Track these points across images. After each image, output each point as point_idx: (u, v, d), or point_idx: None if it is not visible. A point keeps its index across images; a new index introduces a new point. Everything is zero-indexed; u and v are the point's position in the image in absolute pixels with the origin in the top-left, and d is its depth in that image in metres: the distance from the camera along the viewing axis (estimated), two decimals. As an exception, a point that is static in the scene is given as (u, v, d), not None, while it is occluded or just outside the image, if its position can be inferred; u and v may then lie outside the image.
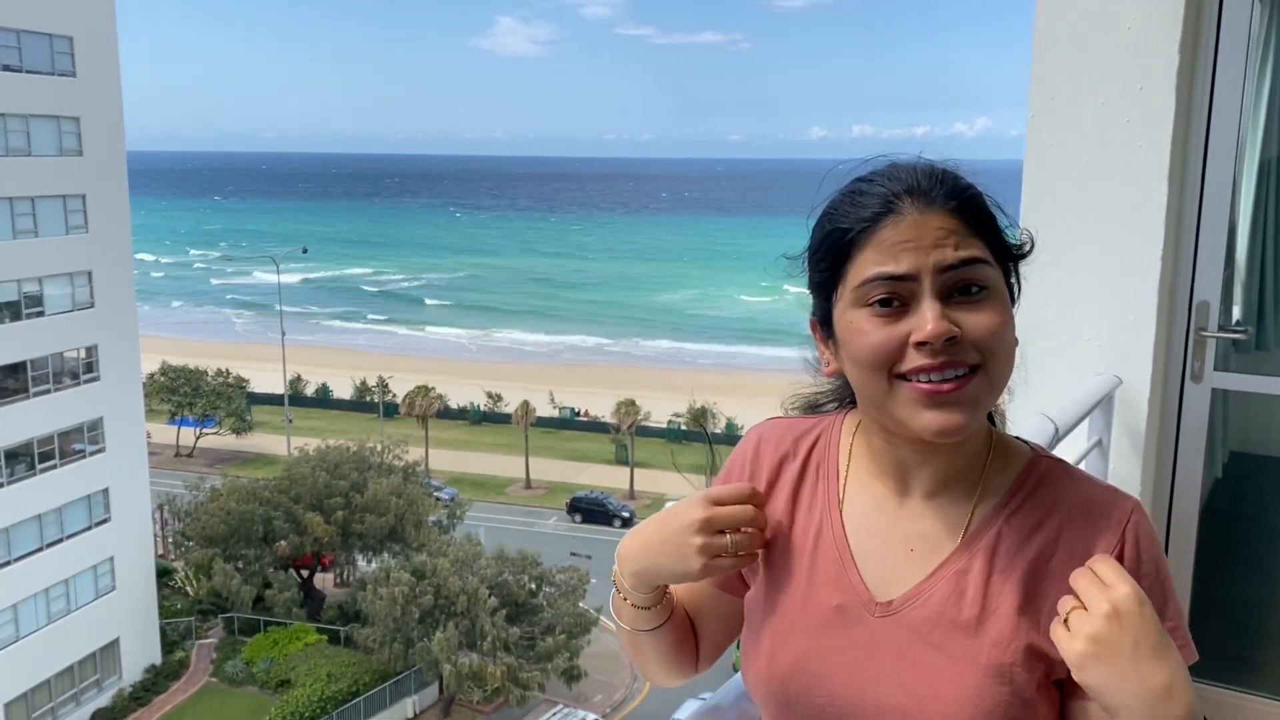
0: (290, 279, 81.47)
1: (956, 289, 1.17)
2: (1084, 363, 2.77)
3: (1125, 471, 2.78)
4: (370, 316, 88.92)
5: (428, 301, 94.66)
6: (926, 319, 1.14)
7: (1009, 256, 1.25)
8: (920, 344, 1.15)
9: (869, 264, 1.18)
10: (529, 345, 77.49)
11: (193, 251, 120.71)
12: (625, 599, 1.39)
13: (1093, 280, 2.74)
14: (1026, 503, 1.24)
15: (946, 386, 1.15)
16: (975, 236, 1.19)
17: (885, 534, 1.28)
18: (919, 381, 1.16)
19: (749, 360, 71.50)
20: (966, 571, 1.21)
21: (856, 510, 1.31)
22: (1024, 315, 1.30)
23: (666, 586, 1.39)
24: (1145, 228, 2.71)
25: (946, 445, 1.22)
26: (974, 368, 1.16)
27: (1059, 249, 2.74)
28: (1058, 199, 2.75)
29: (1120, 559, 1.17)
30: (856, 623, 1.25)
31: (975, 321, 1.16)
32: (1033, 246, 1.29)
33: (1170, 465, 2.89)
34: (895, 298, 1.17)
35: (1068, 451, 2.22)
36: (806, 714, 1.26)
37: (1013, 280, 1.27)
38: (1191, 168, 2.77)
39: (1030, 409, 2.61)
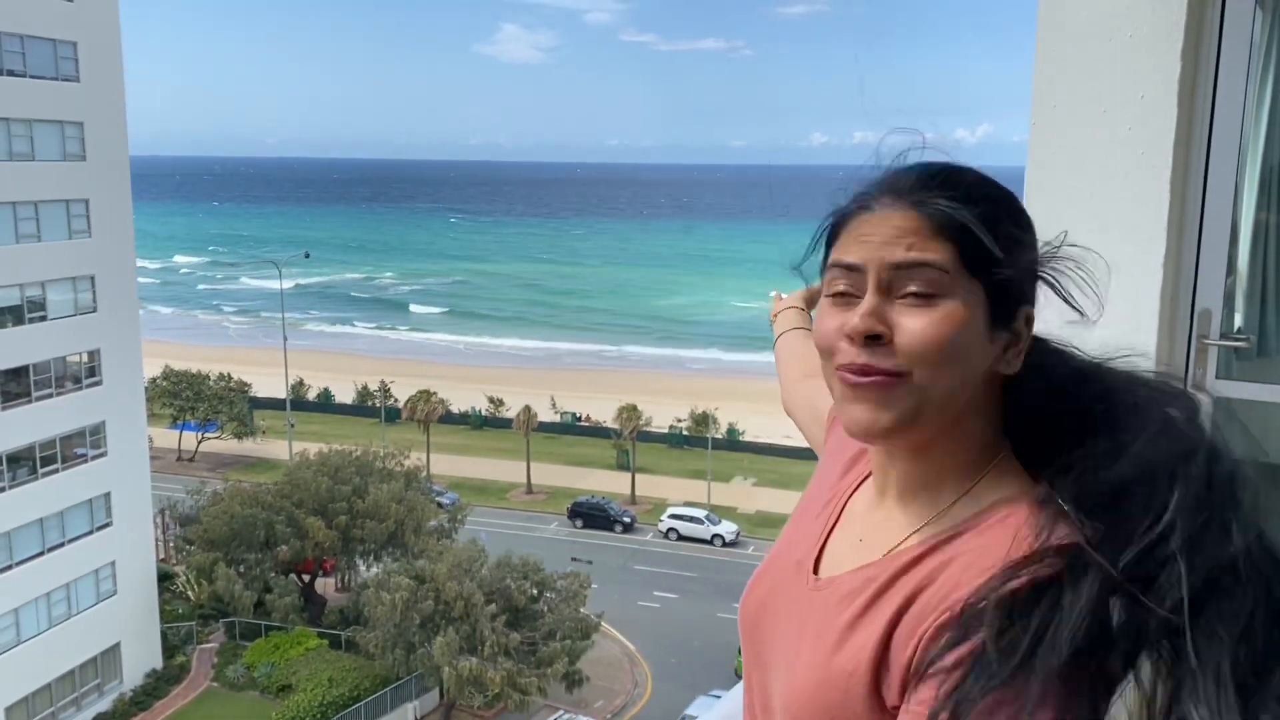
0: (286, 284, 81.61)
1: (908, 292, 1.14)
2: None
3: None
4: (369, 322, 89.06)
5: (428, 307, 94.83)
6: (857, 311, 1.15)
7: (993, 268, 1.15)
8: (849, 337, 1.16)
9: (836, 252, 1.22)
10: (530, 350, 77.56)
11: (179, 258, 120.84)
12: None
13: (1092, 289, 2.73)
14: (968, 530, 1.15)
15: (863, 380, 1.15)
16: (944, 241, 1.14)
17: (854, 522, 1.33)
18: (844, 373, 1.17)
19: (751, 366, 71.54)
20: (873, 579, 1.19)
21: (859, 496, 1.36)
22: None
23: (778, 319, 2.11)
24: (1146, 235, 2.71)
25: (905, 451, 1.22)
26: (899, 375, 1.13)
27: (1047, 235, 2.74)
28: (1058, 206, 2.75)
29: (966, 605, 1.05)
30: (800, 585, 1.30)
31: (911, 324, 1.13)
32: (1033, 270, 1.21)
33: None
34: (850, 289, 1.18)
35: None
36: (751, 645, 1.37)
37: (1026, 293, 1.19)
38: (1193, 175, 2.77)
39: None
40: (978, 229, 1.16)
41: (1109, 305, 2.85)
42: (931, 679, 1.04)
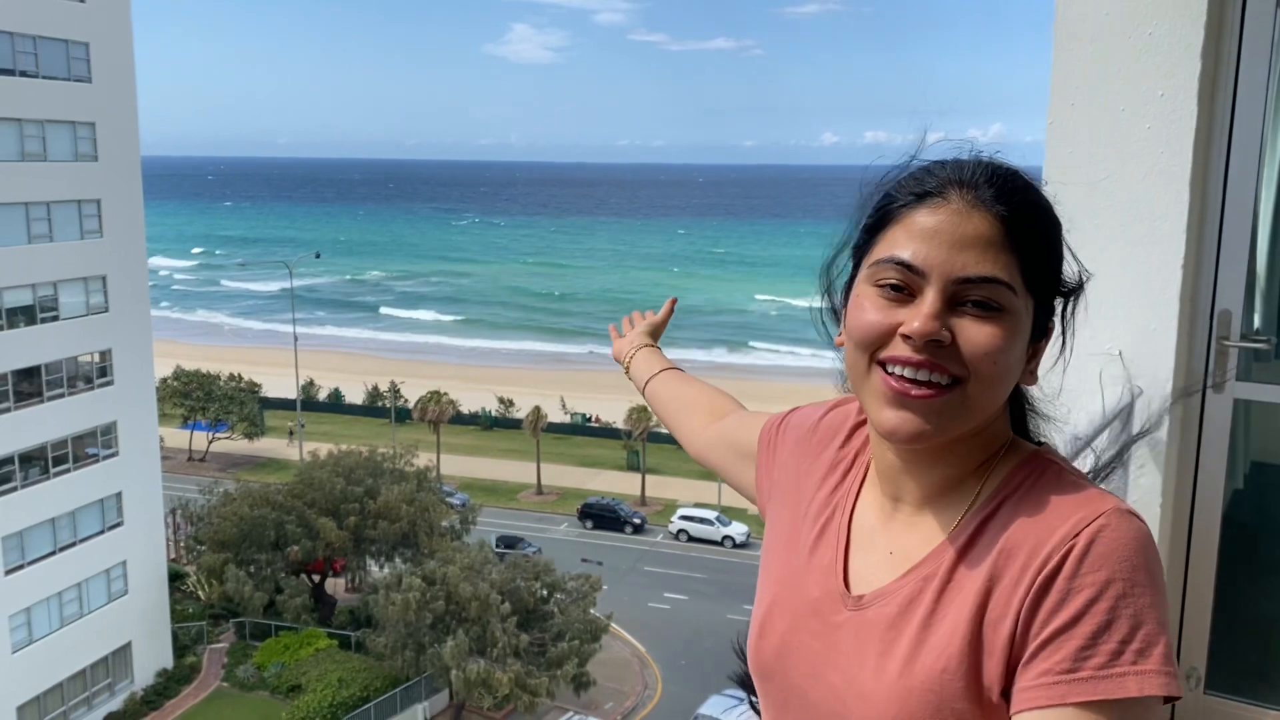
0: (295, 284, 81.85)
1: (970, 300, 1.12)
2: (1103, 373, 2.73)
3: (1145, 483, 2.74)
4: (379, 322, 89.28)
5: (438, 306, 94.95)
6: (920, 313, 1.12)
7: (1047, 286, 1.19)
8: (906, 336, 1.12)
9: (892, 243, 1.16)
10: (540, 350, 77.62)
11: (169, 259, 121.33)
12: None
13: (1112, 289, 2.70)
14: (1005, 505, 1.17)
15: (915, 390, 1.13)
16: (1011, 253, 1.13)
17: (874, 535, 1.28)
18: (891, 373, 1.14)
19: (760, 365, 71.48)
20: (932, 576, 1.18)
21: (864, 508, 1.32)
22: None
23: (630, 366, 2.25)
24: (1166, 235, 2.68)
25: (929, 455, 1.21)
26: (955, 381, 1.12)
27: (1078, 257, 2.70)
28: (1077, 206, 2.72)
29: (1062, 561, 1.06)
30: (832, 612, 1.25)
31: (973, 335, 1.12)
32: (1081, 287, 1.25)
33: (1191, 476, 2.85)
34: (905, 285, 1.14)
35: (1086, 464, 2.19)
36: (780, 690, 1.30)
37: (1054, 317, 1.22)
38: (1213, 175, 2.74)
39: (1047, 421, 2.57)
40: (1045, 245, 1.18)
41: (1128, 307, 2.82)
42: (1057, 641, 1.05)
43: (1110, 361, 2.71)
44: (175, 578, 34.26)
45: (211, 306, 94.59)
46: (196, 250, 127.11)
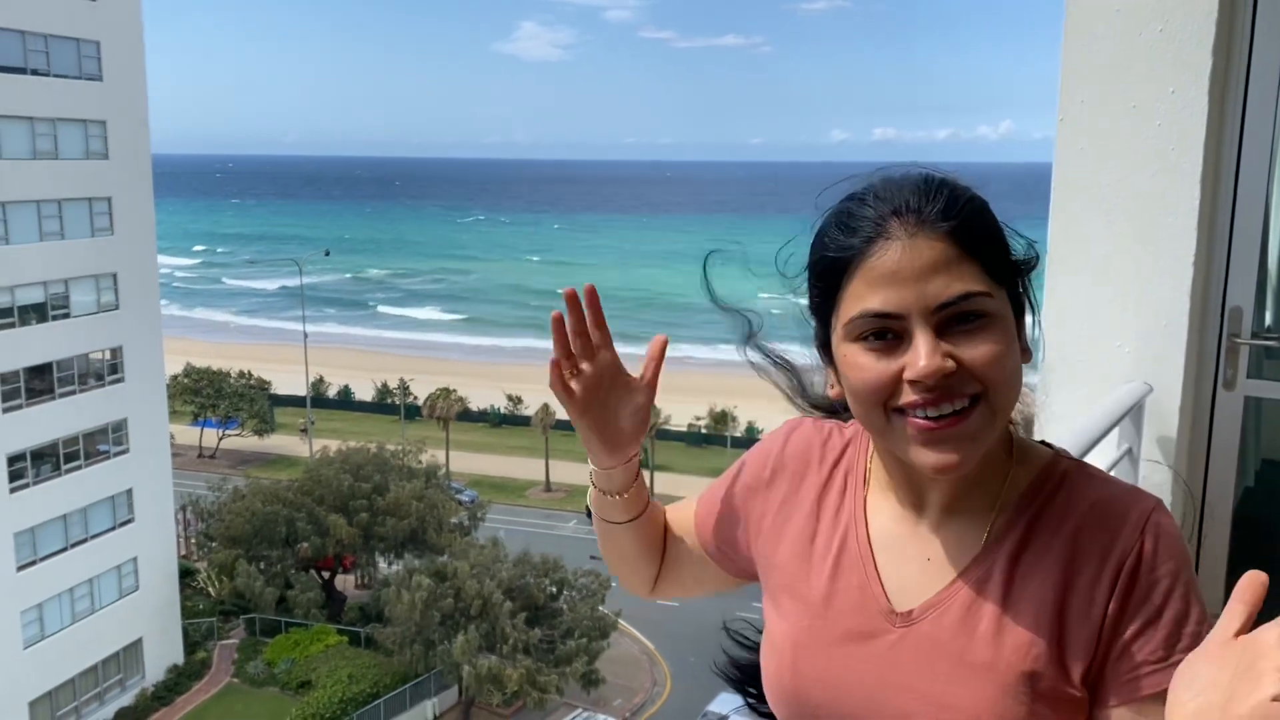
0: (289, 282, 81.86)
1: (954, 319, 1.12)
2: (1114, 370, 2.73)
3: (1156, 480, 2.74)
4: (384, 320, 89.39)
5: (444, 304, 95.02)
6: (919, 355, 1.11)
7: (1012, 272, 1.19)
8: (913, 381, 1.12)
9: (858, 298, 1.15)
10: (546, 348, 77.52)
11: (172, 255, 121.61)
12: (591, 481, 1.52)
13: (1123, 286, 2.70)
14: (1046, 507, 1.20)
15: (943, 425, 1.12)
16: (970, 261, 1.13)
17: (903, 545, 1.26)
18: (915, 417, 1.13)
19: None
20: (986, 579, 1.19)
21: (879, 521, 1.30)
22: (1052, 322, 1.27)
23: (637, 481, 1.53)
24: (1177, 232, 2.67)
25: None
26: (975, 398, 1.13)
27: (1088, 254, 2.70)
28: (1087, 203, 2.72)
29: (1139, 557, 1.13)
30: (878, 634, 1.23)
31: (974, 352, 1.12)
32: (1037, 259, 1.25)
33: (1202, 474, 2.84)
34: (888, 331, 1.14)
35: (1097, 460, 2.19)
36: None
37: (1021, 293, 1.22)
38: (1224, 172, 2.73)
39: (1059, 417, 2.57)
40: (992, 233, 1.18)
41: (1139, 304, 2.82)
42: (1148, 633, 1.13)
43: (1122, 358, 2.71)
44: (186, 574, 34.37)
45: (212, 305, 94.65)
46: (198, 248, 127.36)
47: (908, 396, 1.13)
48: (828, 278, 1.19)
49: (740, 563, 1.50)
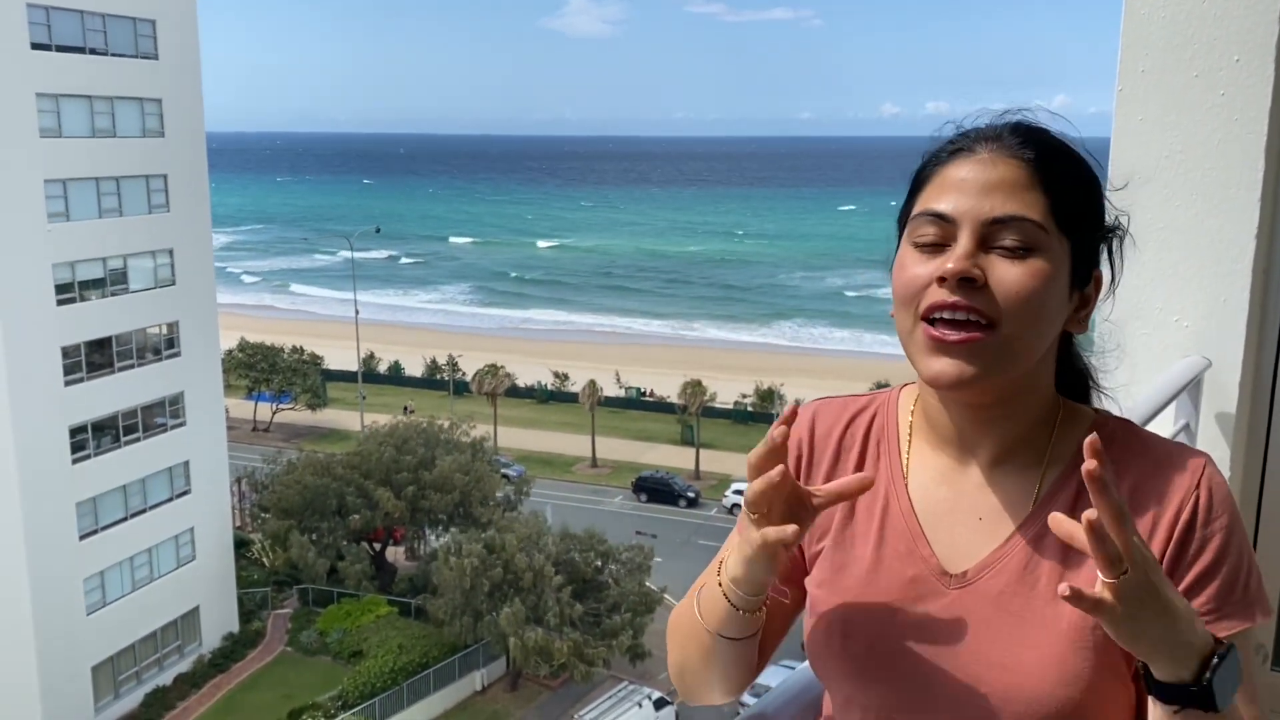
0: (360, 256, 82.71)
1: (1002, 242, 1.16)
2: (1172, 344, 2.69)
3: (1215, 457, 2.69)
4: (431, 294, 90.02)
5: (496, 280, 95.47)
6: (953, 256, 1.15)
7: (1082, 226, 1.21)
8: (940, 280, 1.15)
9: (927, 199, 1.21)
10: (595, 325, 77.81)
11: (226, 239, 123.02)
12: (726, 597, 1.25)
13: (1183, 259, 2.66)
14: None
15: (952, 335, 1.15)
16: (1039, 192, 1.17)
17: (952, 505, 1.26)
18: (930, 325, 1.17)
19: (818, 342, 71.00)
20: (1043, 536, 1.19)
21: (921, 482, 1.29)
22: (1111, 296, 1.27)
23: (765, 599, 1.27)
24: (1239, 206, 2.62)
25: (995, 410, 1.23)
26: (990, 324, 1.15)
27: (1148, 227, 2.66)
28: (1147, 175, 2.67)
29: (1194, 511, 1.16)
30: (932, 596, 1.22)
31: (1005, 274, 1.14)
32: (1116, 230, 1.27)
33: (1261, 449, 2.80)
34: (941, 237, 1.18)
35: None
36: (885, 692, 1.23)
37: (1097, 257, 1.25)
38: (1290, 143, 2.66)
39: (1114, 390, 2.53)
40: (1076, 185, 1.20)
41: (1199, 278, 2.77)
42: (1203, 584, 1.16)
43: (1180, 332, 2.67)
44: (240, 544, 35.08)
45: (253, 282, 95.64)
46: (257, 226, 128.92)
47: (931, 298, 1.17)
48: (914, 183, 1.26)
49: (797, 565, 1.39)
